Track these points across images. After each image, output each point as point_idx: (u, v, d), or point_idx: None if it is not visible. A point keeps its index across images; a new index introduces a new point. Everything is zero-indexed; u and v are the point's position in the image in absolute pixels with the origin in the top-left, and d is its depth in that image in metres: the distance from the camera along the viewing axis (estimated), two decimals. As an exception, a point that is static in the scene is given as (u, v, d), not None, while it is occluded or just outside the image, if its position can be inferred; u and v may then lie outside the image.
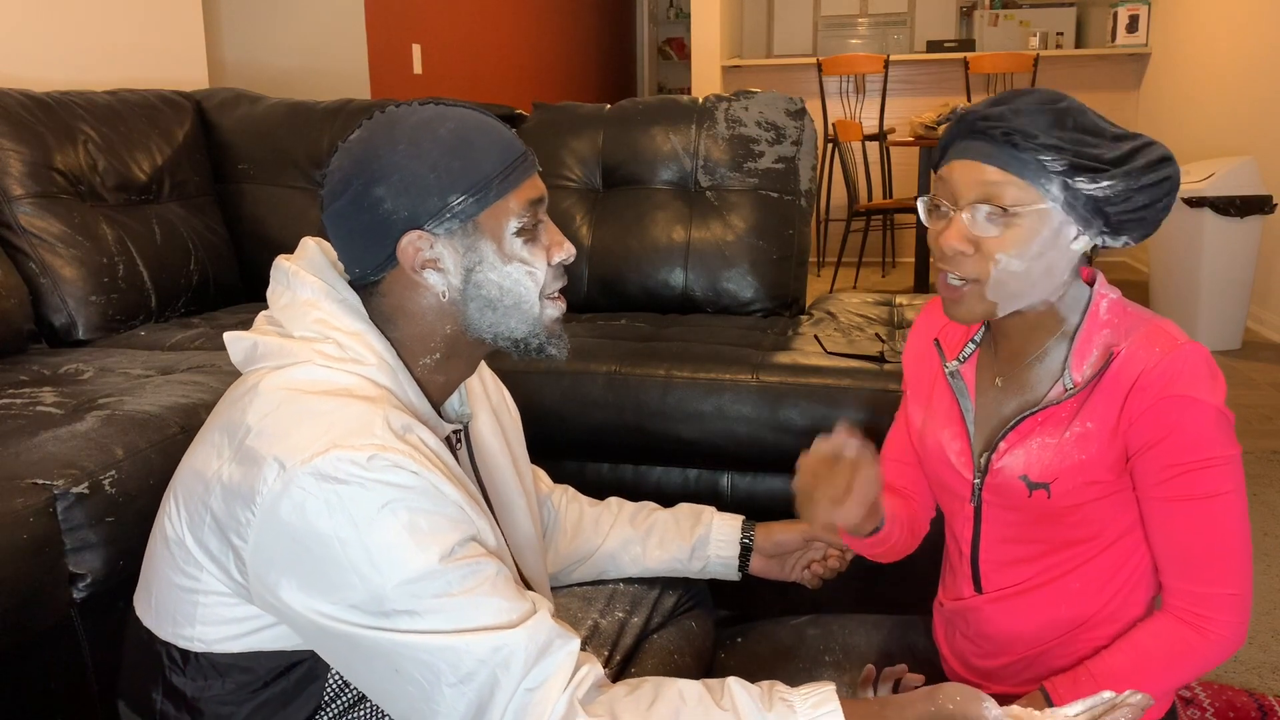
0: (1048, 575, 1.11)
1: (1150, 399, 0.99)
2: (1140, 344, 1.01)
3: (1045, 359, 1.08)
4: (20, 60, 2.56)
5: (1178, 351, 0.99)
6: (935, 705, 0.89)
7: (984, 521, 1.13)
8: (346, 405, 0.89)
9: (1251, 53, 4.44)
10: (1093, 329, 1.05)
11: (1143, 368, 1.00)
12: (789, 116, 2.33)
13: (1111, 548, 1.08)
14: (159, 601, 0.97)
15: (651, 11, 9.15)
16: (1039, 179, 0.97)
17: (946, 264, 1.02)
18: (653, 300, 2.30)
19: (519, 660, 0.85)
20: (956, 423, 1.14)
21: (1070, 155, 0.96)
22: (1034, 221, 0.98)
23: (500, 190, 0.96)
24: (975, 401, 1.13)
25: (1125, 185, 0.97)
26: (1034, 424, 1.06)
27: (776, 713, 0.88)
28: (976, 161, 0.99)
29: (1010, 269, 0.99)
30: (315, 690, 0.97)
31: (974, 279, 1.01)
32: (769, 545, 1.29)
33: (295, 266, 0.99)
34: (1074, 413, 1.04)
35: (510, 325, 0.99)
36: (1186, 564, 1.03)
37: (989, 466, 1.10)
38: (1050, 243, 0.99)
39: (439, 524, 0.88)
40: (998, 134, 0.98)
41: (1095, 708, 0.89)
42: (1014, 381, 1.10)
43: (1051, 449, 1.05)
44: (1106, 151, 0.98)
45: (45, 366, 1.78)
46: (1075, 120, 0.99)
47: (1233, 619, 1.01)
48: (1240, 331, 4.05)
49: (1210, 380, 0.99)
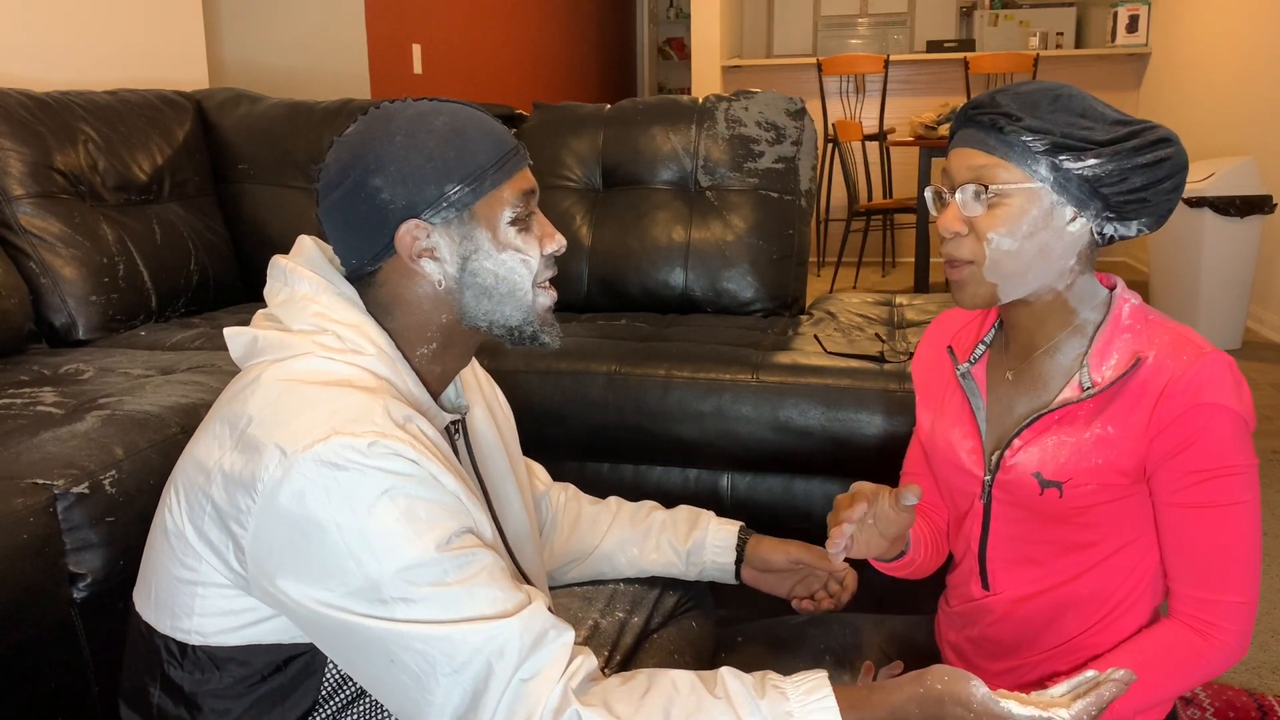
0: (1054, 578, 1.11)
1: (1181, 407, 0.99)
2: (1167, 352, 1.02)
3: (1057, 353, 1.08)
4: (20, 60, 2.56)
5: (1205, 359, 1.00)
6: (924, 687, 0.89)
7: (993, 519, 1.14)
8: (347, 394, 0.90)
9: (1251, 53, 4.44)
10: (1115, 331, 1.06)
11: (1170, 376, 1.00)
12: (789, 116, 2.33)
13: (1118, 553, 1.08)
14: (158, 594, 0.97)
15: (651, 11, 9.15)
16: (1025, 160, 1.00)
17: (947, 247, 1.06)
18: (653, 300, 2.30)
19: (514, 650, 0.86)
20: (968, 422, 1.15)
21: (1054, 135, 0.99)
22: (1023, 201, 1.01)
23: (495, 180, 0.98)
24: (986, 399, 1.14)
25: (1117, 165, 0.99)
26: (1050, 421, 1.07)
27: (769, 700, 0.88)
28: (969, 148, 1.03)
29: (1003, 248, 1.02)
30: (313, 685, 0.97)
31: (970, 260, 1.04)
32: (756, 559, 1.29)
33: (292, 263, 1.00)
34: (1094, 414, 1.05)
35: (505, 313, 1.01)
36: (1198, 571, 1.03)
37: (1001, 464, 1.10)
38: (1042, 222, 1.01)
39: (436, 513, 0.88)
40: (985, 120, 1.02)
41: (1079, 686, 0.90)
42: (1025, 376, 1.11)
43: (1069, 448, 1.05)
44: (1098, 133, 1.00)
45: (45, 366, 1.78)
46: (1068, 104, 1.01)
47: (1239, 627, 1.02)
48: (1240, 331, 4.05)
49: (1236, 389, 1.00)
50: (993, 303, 1.06)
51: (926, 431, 1.22)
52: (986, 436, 1.13)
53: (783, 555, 1.27)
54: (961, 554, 1.21)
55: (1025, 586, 1.13)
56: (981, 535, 1.15)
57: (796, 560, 1.27)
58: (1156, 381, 1.01)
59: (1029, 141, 0.99)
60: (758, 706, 0.88)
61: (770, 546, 1.28)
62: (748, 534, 1.31)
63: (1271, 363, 3.87)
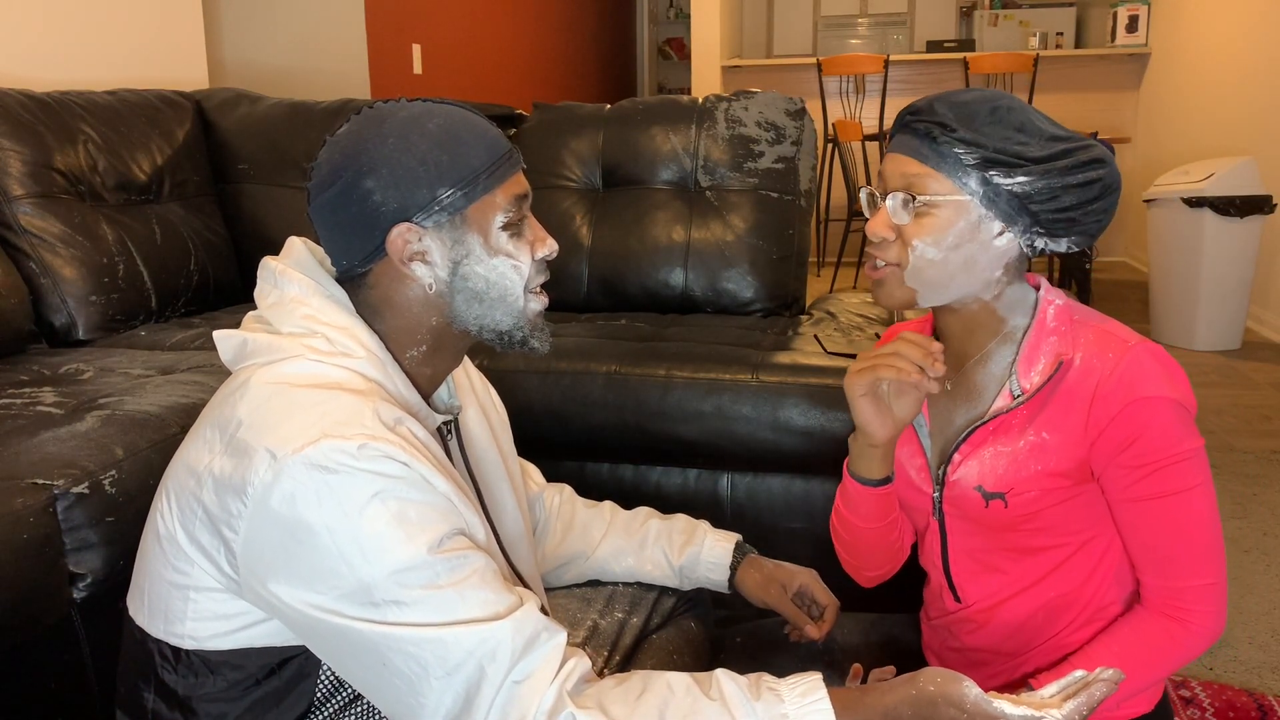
0: (1020, 583, 1.12)
1: (1116, 406, 1.00)
2: (1092, 352, 1.02)
3: (989, 361, 1.09)
4: (20, 60, 2.56)
5: (1130, 354, 1.00)
6: (917, 688, 0.89)
7: (949, 534, 1.14)
8: (337, 397, 0.90)
9: (1251, 53, 4.44)
10: (1040, 335, 1.06)
11: (1100, 376, 1.01)
12: (789, 116, 2.33)
13: (1080, 551, 1.09)
14: (150, 599, 0.97)
15: (651, 11, 9.15)
16: (955, 172, 1.01)
17: (872, 249, 1.07)
18: (653, 300, 2.30)
19: (505, 652, 0.86)
20: (913, 441, 1.15)
21: (986, 150, 0.99)
22: (950, 213, 1.02)
23: (487, 185, 0.98)
24: (928, 416, 1.15)
25: (1047, 183, 0.99)
26: (985, 434, 1.07)
27: (764, 702, 0.88)
28: (902, 155, 1.04)
29: (926, 256, 1.03)
30: (307, 688, 0.97)
31: (894, 263, 1.05)
32: (744, 589, 1.30)
33: (282, 265, 1.00)
34: (1027, 422, 1.05)
35: (495, 317, 1.01)
36: (1163, 561, 1.04)
37: (945, 479, 1.11)
38: (968, 235, 1.02)
39: (428, 515, 0.88)
40: (920, 128, 1.02)
41: (1068, 686, 0.90)
42: (961, 387, 1.11)
43: (1006, 458, 1.06)
44: (1032, 150, 1.00)
45: (45, 366, 1.78)
46: (1005, 118, 1.01)
47: (1211, 609, 1.03)
48: (1240, 331, 4.05)
49: (1167, 376, 1.00)
50: (910, 306, 1.07)
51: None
52: (931, 452, 1.14)
53: (761, 598, 1.29)
54: (929, 569, 1.21)
55: (994, 594, 1.14)
56: (942, 550, 1.16)
57: (771, 599, 1.28)
58: (1087, 384, 1.01)
59: (960, 154, 1.00)
60: (753, 708, 0.88)
61: (754, 585, 1.29)
62: (742, 554, 1.31)
63: (1271, 363, 3.87)
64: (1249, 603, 2.08)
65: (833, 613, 1.28)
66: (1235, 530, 2.37)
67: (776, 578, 1.29)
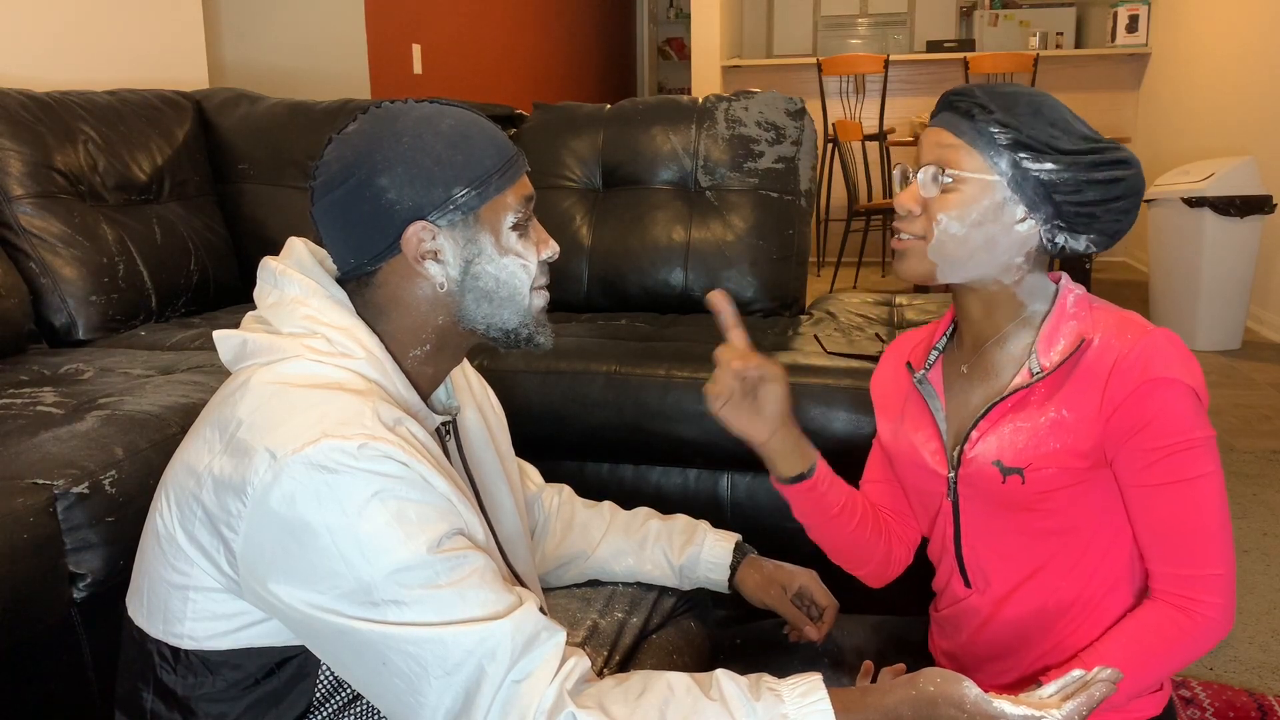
0: (1030, 567, 1.12)
1: (1132, 384, 1.01)
2: (1112, 333, 1.05)
3: (1007, 343, 1.11)
4: (20, 60, 2.56)
5: (1149, 336, 1.03)
6: (917, 689, 0.90)
7: (963, 516, 1.15)
8: (337, 397, 0.90)
9: (1251, 53, 4.44)
10: (1060, 319, 1.09)
11: (1118, 355, 1.02)
12: (789, 116, 2.33)
13: (1092, 540, 1.09)
14: (149, 599, 0.97)
15: (651, 11, 9.15)
16: (989, 150, 1.04)
17: (899, 222, 1.11)
18: (653, 300, 2.30)
19: (505, 652, 0.86)
20: (929, 425, 1.17)
21: (1019, 133, 1.03)
22: (976, 190, 1.05)
23: (499, 185, 0.99)
24: (944, 400, 1.17)
25: (1074, 175, 1.03)
26: (1004, 409, 1.09)
27: (764, 702, 0.88)
28: (940, 128, 1.08)
29: (950, 230, 1.06)
30: (306, 688, 0.97)
31: (919, 236, 1.08)
32: (743, 590, 1.31)
33: (282, 266, 1.00)
34: (1047, 398, 1.07)
35: (504, 316, 1.02)
36: (1173, 548, 1.04)
37: (962, 458, 1.12)
38: (991, 215, 1.05)
39: (427, 515, 0.88)
40: (962, 105, 1.06)
41: (1067, 686, 0.90)
42: (978, 368, 1.14)
43: (1025, 433, 1.07)
44: (1063, 142, 1.03)
45: (45, 366, 1.78)
46: (1043, 112, 1.05)
47: (1220, 600, 1.03)
48: (1240, 331, 4.05)
49: (1184, 362, 1.02)
50: (930, 280, 1.10)
51: (889, 439, 1.24)
52: (947, 435, 1.16)
53: (760, 599, 1.29)
54: (939, 556, 1.22)
55: (1005, 580, 1.14)
56: (955, 534, 1.16)
57: (769, 599, 1.29)
58: (1104, 361, 1.03)
59: (995, 133, 1.03)
60: (753, 709, 0.88)
61: (754, 585, 1.30)
62: (742, 554, 1.31)
63: (1271, 363, 3.87)
64: (1249, 603, 2.08)
65: (832, 614, 1.28)
66: (1235, 530, 2.36)
67: (776, 578, 1.29)
